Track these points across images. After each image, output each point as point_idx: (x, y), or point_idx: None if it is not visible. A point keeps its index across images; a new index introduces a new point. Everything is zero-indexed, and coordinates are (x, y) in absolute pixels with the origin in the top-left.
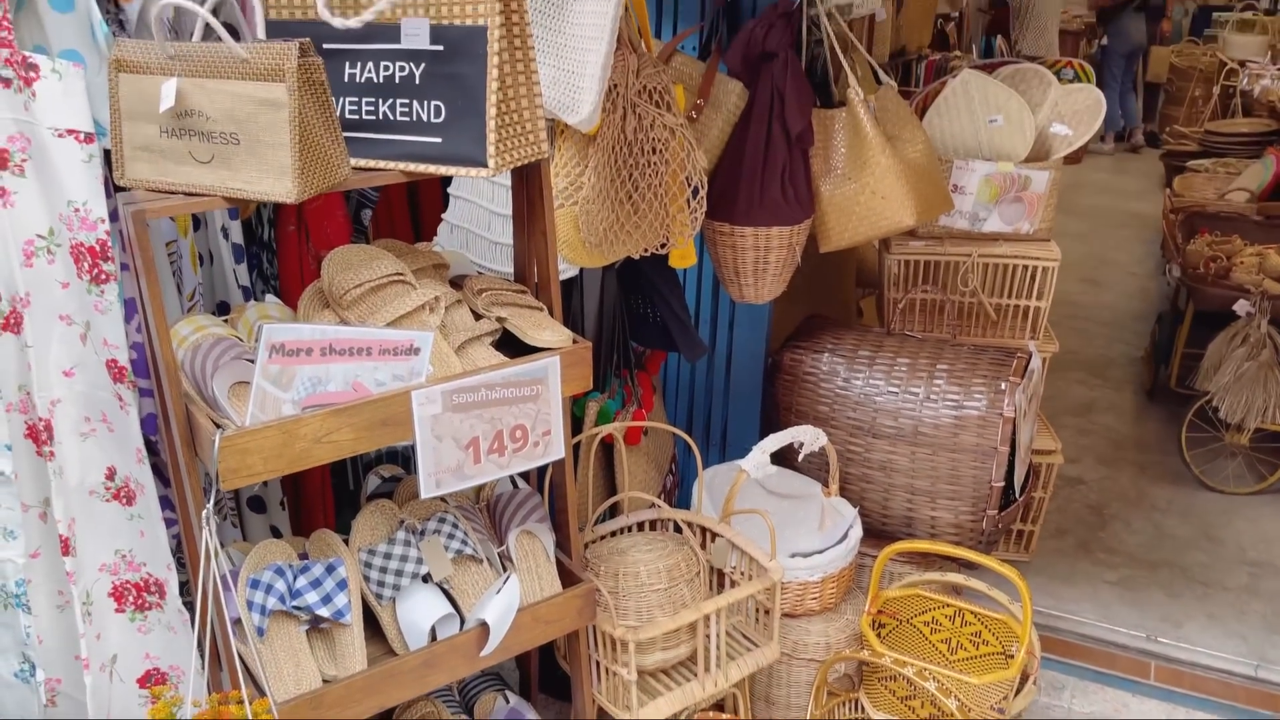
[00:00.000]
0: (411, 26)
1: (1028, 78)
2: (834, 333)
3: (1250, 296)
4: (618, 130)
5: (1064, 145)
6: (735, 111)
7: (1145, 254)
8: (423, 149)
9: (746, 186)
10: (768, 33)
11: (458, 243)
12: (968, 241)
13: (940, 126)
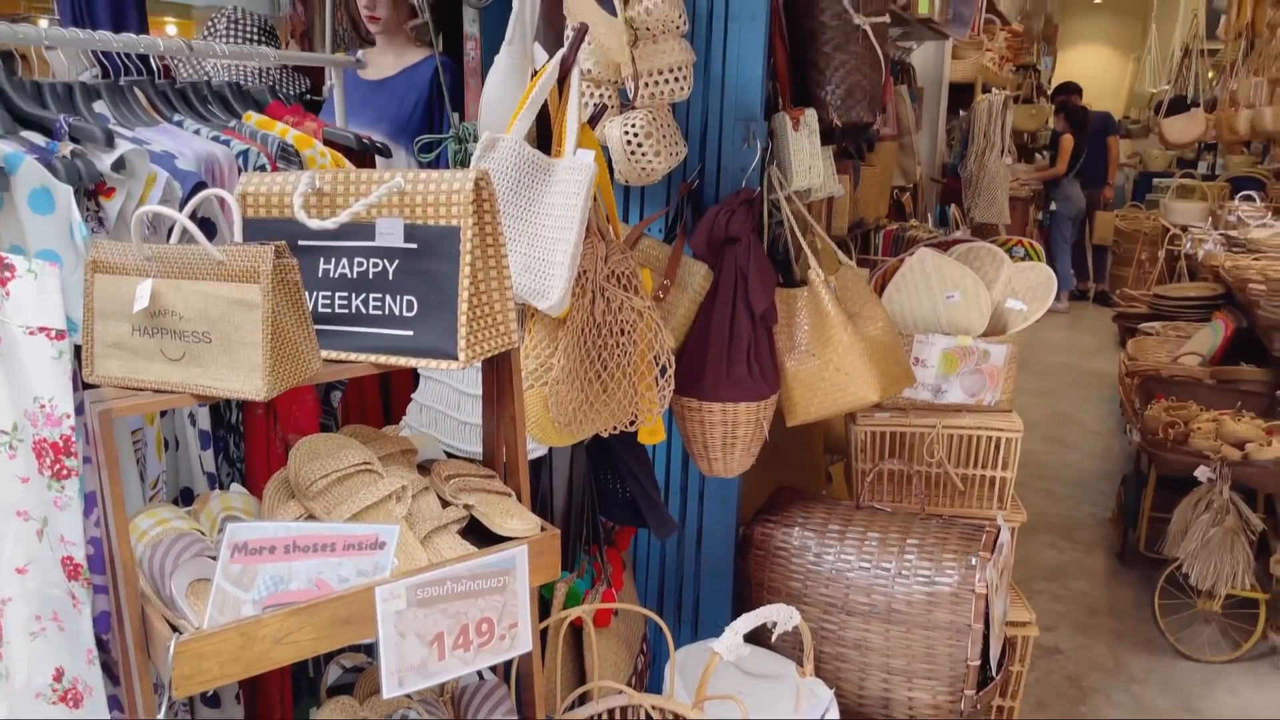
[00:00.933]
0: (386, 226)
1: (981, 256)
2: (804, 506)
3: (1210, 462)
4: (587, 313)
5: (1019, 320)
6: (701, 292)
7: (1106, 412)
8: (394, 342)
9: (713, 363)
10: (731, 218)
11: (427, 422)
12: (932, 413)
13: (900, 302)
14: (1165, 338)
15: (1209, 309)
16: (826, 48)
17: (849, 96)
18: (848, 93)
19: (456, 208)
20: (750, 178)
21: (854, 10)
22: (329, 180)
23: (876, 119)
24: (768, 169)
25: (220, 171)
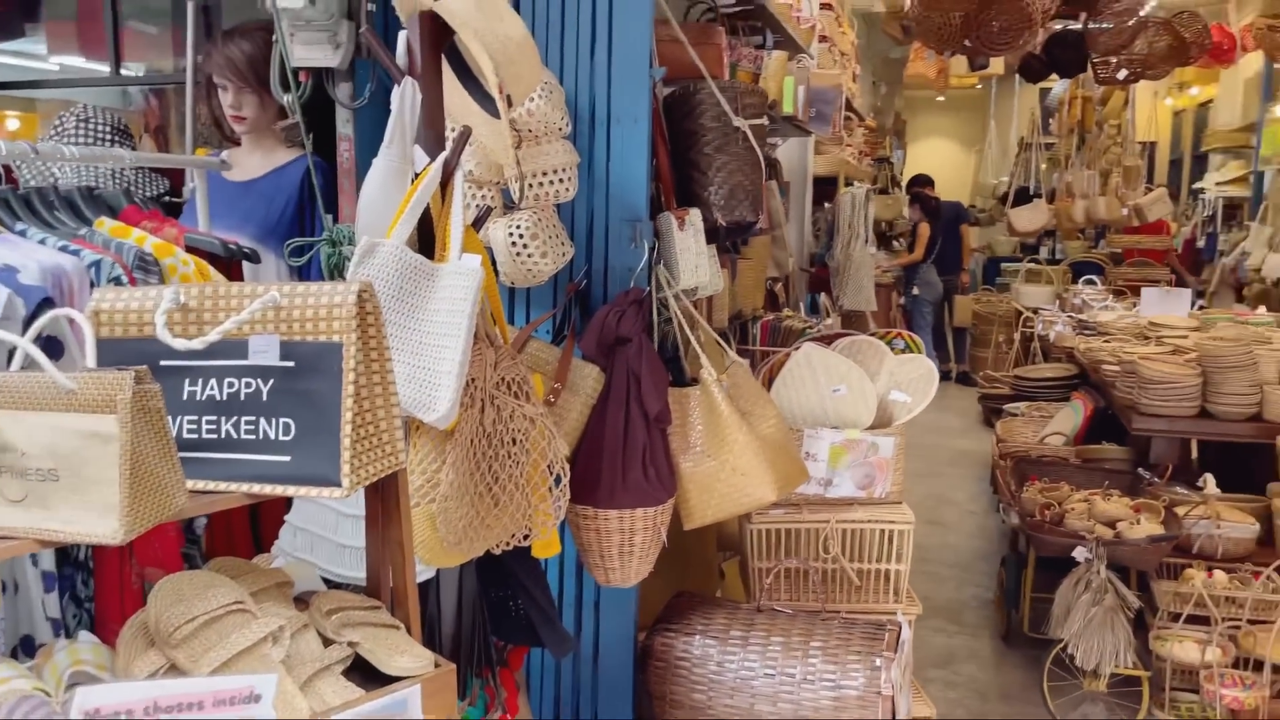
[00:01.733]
0: (260, 344)
1: (864, 349)
2: (704, 612)
3: (1086, 543)
4: (476, 424)
5: (904, 411)
6: (593, 395)
7: (978, 491)
8: (270, 469)
9: (609, 469)
10: (621, 319)
11: (302, 546)
12: (824, 507)
13: (788, 397)
14: (1030, 418)
15: (1067, 388)
16: (708, 149)
17: (732, 197)
18: (730, 193)
19: (338, 322)
20: (638, 277)
21: (733, 113)
22: (195, 295)
23: (759, 217)
24: (655, 268)
25: (69, 286)
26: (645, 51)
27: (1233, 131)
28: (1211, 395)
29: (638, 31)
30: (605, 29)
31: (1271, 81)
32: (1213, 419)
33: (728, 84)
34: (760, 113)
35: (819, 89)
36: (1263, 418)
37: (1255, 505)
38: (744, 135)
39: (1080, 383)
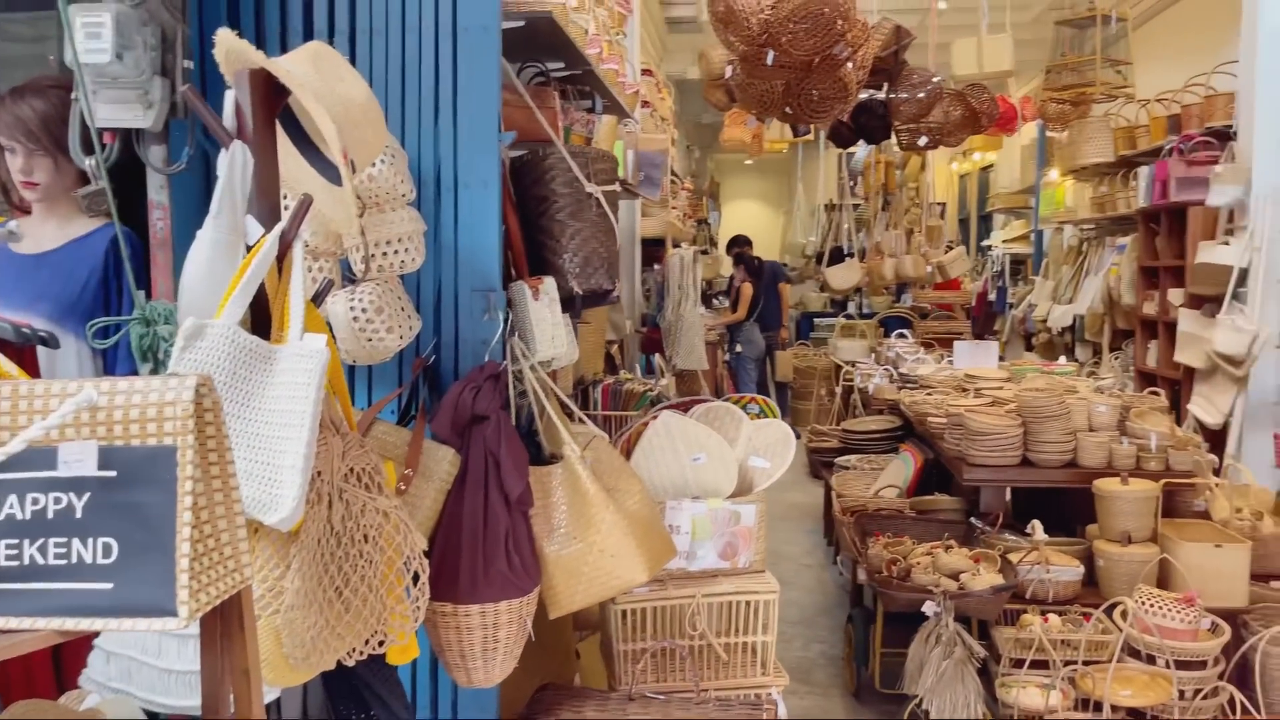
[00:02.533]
0: (73, 451)
1: (720, 415)
2: (572, 706)
3: (934, 597)
4: (324, 523)
5: (764, 478)
6: (448, 479)
7: (812, 545)
8: (87, 599)
9: (469, 559)
10: (476, 395)
11: (117, 674)
12: (689, 581)
13: (648, 468)
14: (861, 471)
15: (892, 440)
16: (560, 215)
17: (587, 264)
18: (585, 261)
19: (171, 423)
20: (492, 350)
21: (585, 178)
22: None
23: (615, 285)
24: (509, 340)
25: None
26: (493, 114)
27: (1013, 194)
28: (1031, 444)
29: (485, 94)
30: (450, 91)
31: (1046, 149)
32: (1034, 467)
33: (578, 149)
34: (611, 179)
35: (647, 153)
36: (1077, 464)
37: (1077, 548)
38: (597, 202)
39: (905, 434)
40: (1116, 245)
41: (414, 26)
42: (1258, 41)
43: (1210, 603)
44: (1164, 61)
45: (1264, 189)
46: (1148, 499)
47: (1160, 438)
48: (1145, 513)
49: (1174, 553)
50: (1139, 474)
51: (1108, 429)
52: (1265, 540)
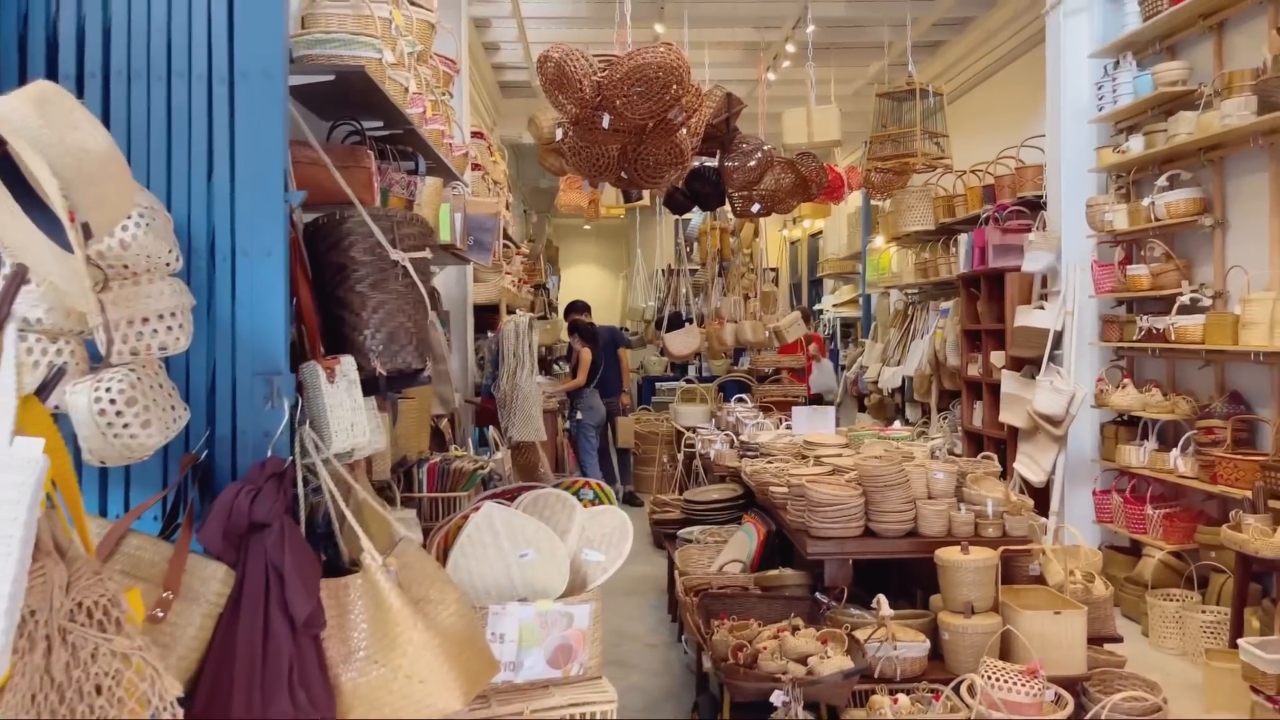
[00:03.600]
0: None
1: (550, 503)
2: None
3: (782, 685)
4: (39, 673)
5: (599, 572)
6: (218, 601)
7: (658, 621)
8: None
9: (243, 697)
10: (255, 499)
11: None
12: (516, 696)
13: (468, 569)
14: (704, 544)
15: (736, 509)
16: (361, 286)
17: (392, 340)
18: (390, 337)
19: None
20: (277, 443)
21: (390, 244)
22: None
23: (425, 363)
24: (299, 430)
25: None
26: (278, 171)
27: (841, 260)
28: (873, 514)
29: (267, 149)
30: (226, 144)
31: (870, 217)
32: (876, 537)
33: (383, 212)
34: (422, 244)
35: (477, 217)
36: (918, 533)
37: (922, 620)
38: (404, 270)
39: (748, 503)
40: (940, 309)
41: (182, 71)
42: (1061, 118)
43: (1051, 671)
44: (978, 134)
45: (1073, 255)
46: (988, 568)
47: (996, 503)
48: (986, 582)
49: (1015, 622)
50: (977, 541)
51: (946, 496)
52: (1097, 603)
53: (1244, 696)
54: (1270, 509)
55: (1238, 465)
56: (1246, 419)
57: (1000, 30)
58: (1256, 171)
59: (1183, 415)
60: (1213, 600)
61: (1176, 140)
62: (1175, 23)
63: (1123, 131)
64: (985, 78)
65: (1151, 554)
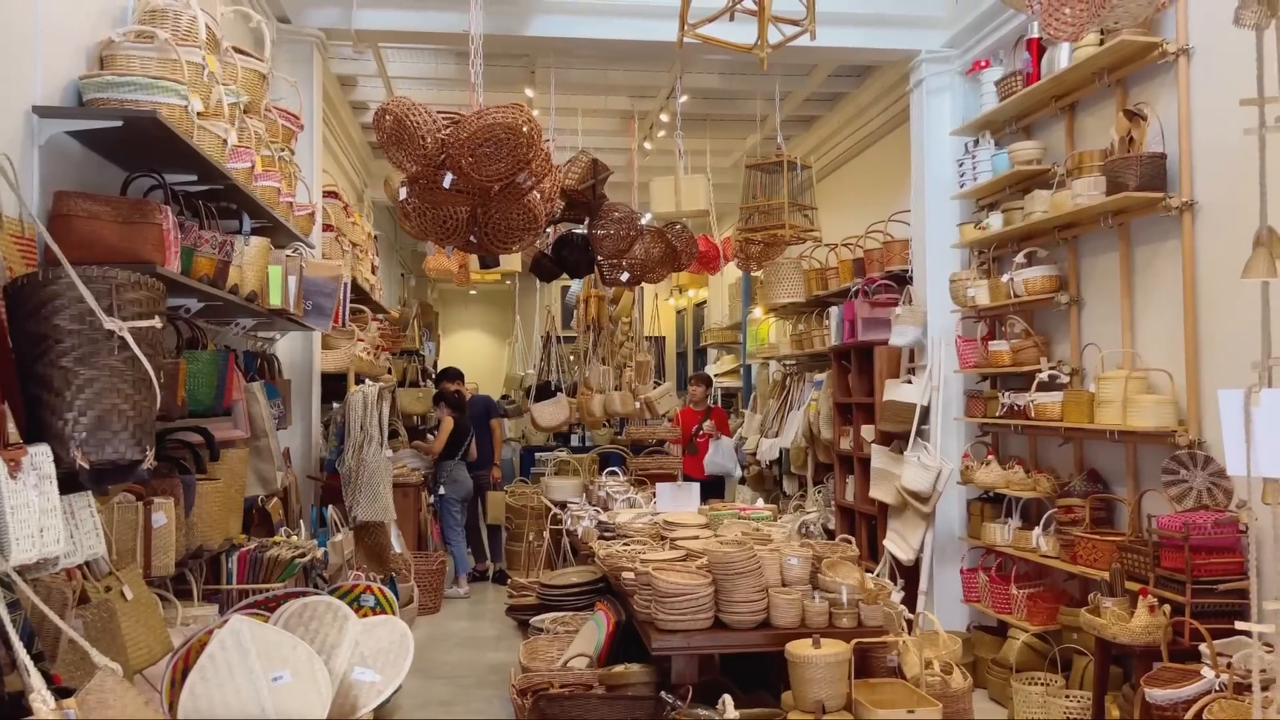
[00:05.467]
0: None
1: (320, 614)
2: None
3: None
4: None
5: (373, 695)
6: None
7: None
8: None
9: None
10: None
11: None
12: None
13: (208, 696)
14: (555, 634)
15: (594, 594)
16: (65, 361)
17: (101, 426)
18: (98, 421)
19: None
20: None
21: (105, 312)
22: None
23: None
24: None
25: None
26: None
27: (724, 329)
28: (723, 604)
29: None
30: None
31: (750, 288)
32: (727, 629)
33: (100, 273)
34: (152, 311)
35: (317, 280)
36: (770, 623)
37: None
38: (123, 343)
39: (607, 588)
40: (815, 381)
41: None
42: (925, 194)
43: None
44: (849, 208)
45: (938, 330)
46: (840, 664)
47: (850, 590)
48: (838, 678)
49: None
50: (831, 632)
51: (800, 583)
52: (955, 696)
53: None
54: (1128, 591)
55: (1096, 545)
56: (1104, 498)
57: (870, 106)
58: (1108, 251)
59: (1044, 493)
60: (1076, 684)
61: (1033, 218)
62: (1029, 104)
63: (984, 208)
64: (856, 153)
65: (1016, 635)
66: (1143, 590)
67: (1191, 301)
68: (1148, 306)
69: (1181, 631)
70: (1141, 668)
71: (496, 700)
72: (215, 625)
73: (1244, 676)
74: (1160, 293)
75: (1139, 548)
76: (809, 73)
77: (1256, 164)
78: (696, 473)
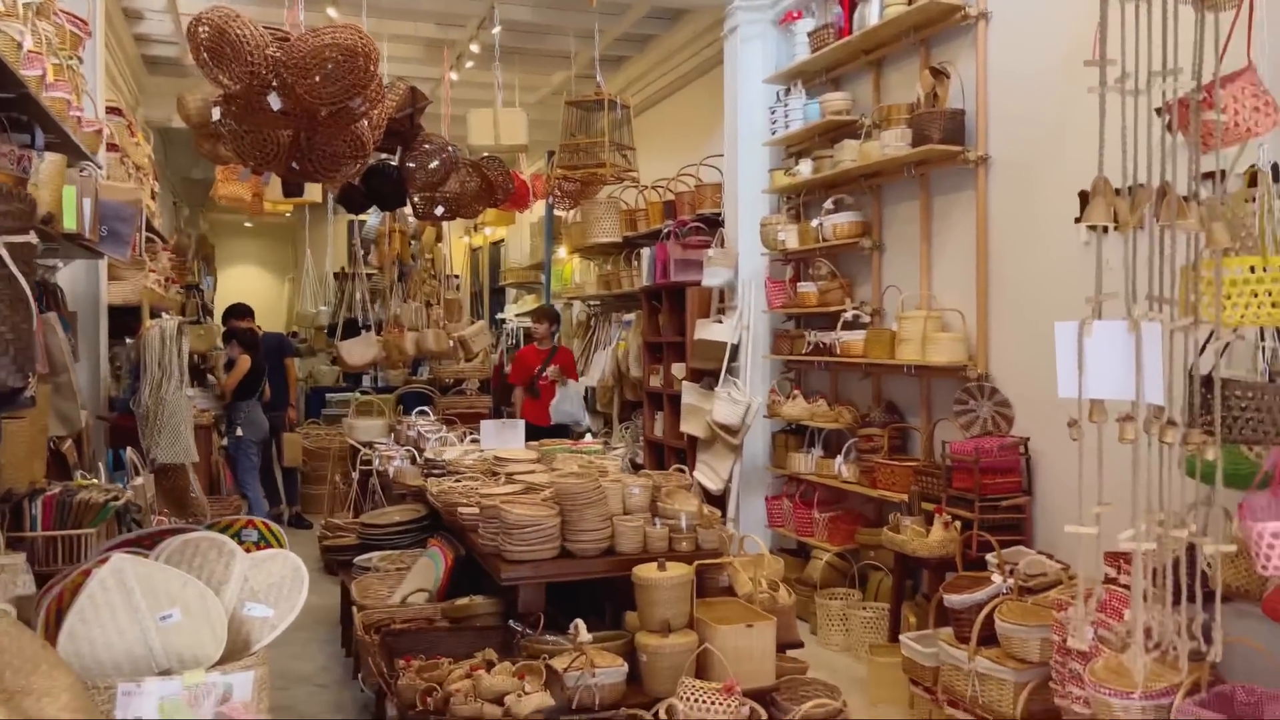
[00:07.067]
0: None
1: (203, 550)
2: None
3: None
4: None
5: (267, 630)
6: None
7: (329, 658)
8: None
9: None
10: None
11: None
12: None
13: (89, 639)
14: (385, 572)
15: (420, 532)
16: None
17: None
18: None
19: None
20: None
21: None
22: None
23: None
24: None
25: None
26: None
27: (524, 269)
28: (569, 534)
29: None
30: None
31: (554, 227)
32: (573, 558)
33: None
34: (24, 226)
35: (113, 204)
36: (615, 550)
37: (619, 643)
38: None
39: (434, 526)
40: (623, 320)
41: None
42: (738, 140)
43: (745, 684)
44: (660, 151)
45: (749, 272)
46: (684, 585)
47: (690, 517)
48: (682, 598)
49: (710, 638)
50: (673, 556)
51: (641, 511)
52: (783, 611)
53: (904, 689)
54: (924, 510)
55: (894, 470)
56: (901, 427)
57: (681, 50)
58: (909, 199)
59: (846, 424)
60: (871, 597)
61: (842, 166)
62: (840, 57)
63: (794, 155)
64: (665, 96)
65: (819, 556)
66: (937, 509)
67: (983, 248)
68: (944, 252)
69: (970, 544)
70: (936, 579)
71: (314, 642)
72: (92, 564)
73: (1025, 580)
74: (955, 239)
75: (933, 471)
76: (622, 13)
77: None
78: (540, 420)
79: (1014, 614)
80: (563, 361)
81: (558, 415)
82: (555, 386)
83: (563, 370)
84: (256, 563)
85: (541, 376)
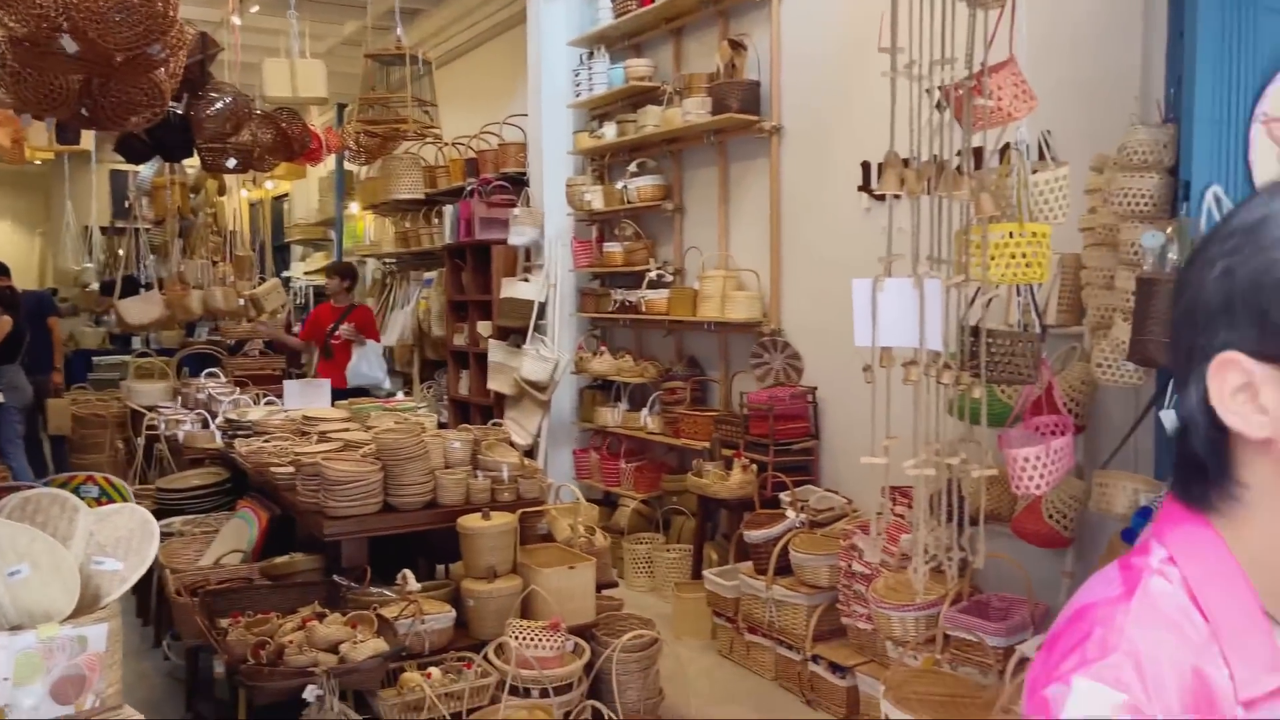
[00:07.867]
0: None
1: (45, 507)
2: None
3: (316, 678)
4: None
5: (118, 583)
6: None
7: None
8: None
9: None
10: None
11: None
12: None
13: None
14: (191, 536)
15: (222, 496)
16: None
17: None
18: None
19: None
20: None
21: None
22: None
23: None
24: None
25: None
26: None
27: (312, 225)
28: (392, 488)
29: None
30: None
31: (344, 181)
32: (396, 512)
33: None
34: None
35: None
36: (438, 503)
37: (444, 591)
38: None
39: (237, 488)
40: (424, 279)
41: None
42: (541, 100)
43: (569, 622)
44: (460, 108)
45: (555, 231)
46: (508, 532)
47: (511, 468)
48: (506, 546)
49: (536, 580)
50: (496, 506)
51: (462, 464)
52: (600, 553)
53: (707, 620)
54: (723, 456)
55: (696, 421)
56: (702, 380)
57: (479, 7)
58: (708, 165)
59: (650, 379)
60: (675, 539)
61: (645, 131)
62: (642, 23)
63: (598, 118)
64: (465, 52)
65: (625, 504)
66: (737, 454)
67: (776, 212)
68: (740, 215)
69: (766, 485)
70: (735, 519)
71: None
72: None
73: (815, 515)
74: (751, 204)
75: (732, 420)
76: None
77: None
78: (337, 382)
79: (806, 545)
80: (360, 320)
81: (355, 377)
82: (352, 347)
83: (360, 329)
84: (102, 517)
85: (335, 335)
